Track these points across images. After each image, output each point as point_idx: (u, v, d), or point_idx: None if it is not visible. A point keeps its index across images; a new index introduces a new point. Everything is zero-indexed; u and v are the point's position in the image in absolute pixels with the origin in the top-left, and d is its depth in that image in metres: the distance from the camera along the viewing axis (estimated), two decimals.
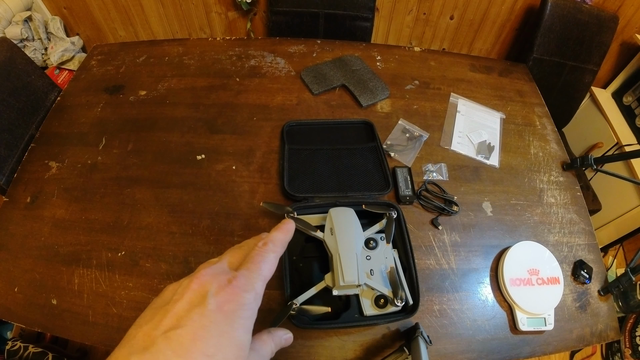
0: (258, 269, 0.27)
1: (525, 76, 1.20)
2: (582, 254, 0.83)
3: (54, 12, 1.70)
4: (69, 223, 0.79)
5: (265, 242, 0.30)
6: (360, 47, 1.19)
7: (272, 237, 0.31)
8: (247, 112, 0.99)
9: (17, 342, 1.13)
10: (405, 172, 0.88)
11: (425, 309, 0.72)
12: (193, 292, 0.24)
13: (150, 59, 1.12)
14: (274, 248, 0.30)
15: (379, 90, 1.04)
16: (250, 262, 0.28)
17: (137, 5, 1.64)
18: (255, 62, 1.11)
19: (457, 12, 1.57)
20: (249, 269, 0.27)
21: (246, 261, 0.28)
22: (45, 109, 1.03)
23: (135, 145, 0.92)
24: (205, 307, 0.23)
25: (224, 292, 0.24)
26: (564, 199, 0.91)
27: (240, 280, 0.25)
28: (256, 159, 0.90)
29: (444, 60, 1.19)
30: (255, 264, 0.27)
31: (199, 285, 0.25)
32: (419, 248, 0.79)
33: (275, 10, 1.39)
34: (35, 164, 0.89)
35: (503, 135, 1.02)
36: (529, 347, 0.71)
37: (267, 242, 0.30)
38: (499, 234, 0.83)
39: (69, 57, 1.68)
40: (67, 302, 0.70)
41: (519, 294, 0.72)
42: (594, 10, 1.35)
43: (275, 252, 0.30)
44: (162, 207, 0.82)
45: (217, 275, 0.26)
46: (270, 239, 0.30)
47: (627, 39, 1.54)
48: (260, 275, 0.27)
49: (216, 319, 0.23)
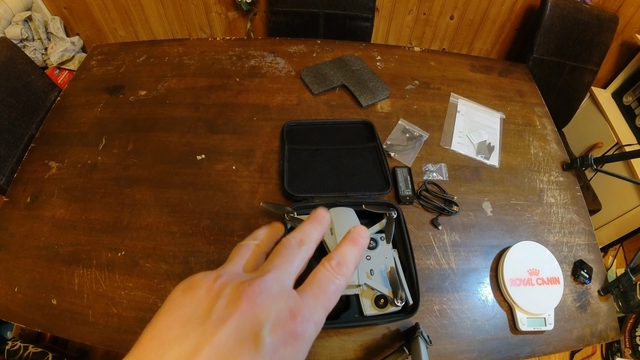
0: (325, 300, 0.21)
1: (525, 76, 1.20)
2: (582, 254, 0.83)
3: (54, 12, 1.70)
4: (69, 223, 0.79)
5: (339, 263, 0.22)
6: (360, 47, 1.19)
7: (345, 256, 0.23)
8: (247, 112, 0.99)
9: (17, 342, 1.13)
10: (405, 172, 0.88)
11: (425, 309, 0.72)
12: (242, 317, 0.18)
13: (150, 59, 1.12)
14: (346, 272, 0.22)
15: (379, 90, 1.04)
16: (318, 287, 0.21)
17: (137, 5, 1.64)
18: (255, 62, 1.11)
19: (457, 12, 1.57)
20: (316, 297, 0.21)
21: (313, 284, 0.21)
22: (45, 109, 1.03)
23: (135, 145, 0.92)
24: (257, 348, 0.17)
25: (285, 330, 0.18)
26: (564, 199, 0.91)
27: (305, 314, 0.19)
28: (256, 159, 0.90)
29: (444, 60, 1.19)
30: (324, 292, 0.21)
31: (251, 308, 0.18)
32: (419, 248, 0.79)
33: (275, 10, 1.39)
34: (35, 164, 0.89)
35: (503, 135, 1.02)
36: (529, 347, 0.71)
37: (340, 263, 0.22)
38: (499, 234, 0.83)
39: (69, 57, 1.68)
40: (67, 302, 0.70)
41: (519, 294, 0.72)
42: (594, 10, 1.35)
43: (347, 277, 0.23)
44: (162, 207, 0.82)
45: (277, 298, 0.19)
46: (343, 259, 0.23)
47: (627, 39, 1.54)
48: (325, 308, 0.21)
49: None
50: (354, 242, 0.24)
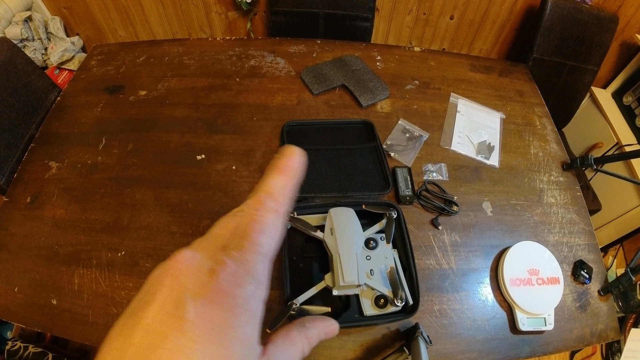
0: (254, 246, 0.19)
1: (525, 76, 1.20)
2: (582, 254, 0.83)
3: (54, 12, 1.70)
4: (69, 223, 0.79)
5: (260, 200, 0.21)
6: (360, 47, 1.19)
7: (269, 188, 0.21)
8: (247, 112, 0.99)
9: (17, 342, 1.13)
10: (405, 172, 0.88)
11: (425, 309, 0.72)
12: (165, 290, 0.17)
13: (150, 59, 1.12)
14: (274, 206, 0.21)
15: (379, 90, 1.04)
16: (242, 237, 0.19)
17: (137, 5, 1.64)
18: (255, 62, 1.11)
19: (457, 12, 1.57)
20: (242, 249, 0.19)
21: (236, 236, 0.19)
22: (45, 109, 1.03)
23: (135, 145, 0.92)
24: (183, 320, 0.16)
25: (208, 293, 0.17)
26: (564, 199, 0.91)
27: (228, 271, 0.18)
28: (256, 159, 0.90)
29: (444, 60, 1.19)
30: (250, 240, 0.19)
31: (172, 279, 0.17)
32: (419, 248, 0.79)
33: (275, 10, 1.39)
34: (35, 164, 0.89)
35: (503, 135, 1.02)
36: (529, 347, 0.71)
37: (263, 199, 0.21)
38: (499, 234, 0.83)
39: (69, 57, 1.68)
40: (67, 302, 0.70)
41: (519, 294, 0.72)
42: (594, 10, 1.35)
43: (278, 211, 0.21)
44: (162, 207, 0.82)
45: (197, 264, 0.18)
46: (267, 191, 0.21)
47: (627, 39, 1.54)
48: (258, 255, 0.19)
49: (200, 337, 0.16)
50: (280, 170, 0.22)
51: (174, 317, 0.16)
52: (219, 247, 0.19)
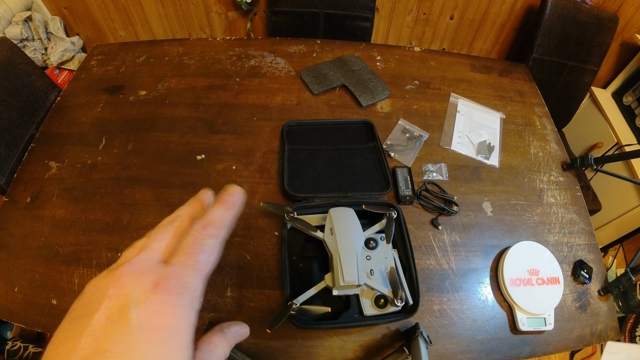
0: (194, 263, 0.22)
1: (525, 76, 1.20)
2: (582, 254, 0.83)
3: (54, 12, 1.70)
4: (69, 223, 0.79)
5: (204, 225, 0.24)
6: (360, 47, 1.19)
7: (212, 217, 0.24)
8: (247, 112, 0.99)
9: (17, 342, 1.13)
10: (405, 172, 0.88)
11: (425, 309, 0.72)
12: (111, 300, 0.19)
13: (150, 59, 1.12)
14: (215, 232, 0.24)
15: (379, 90, 1.04)
16: (184, 253, 0.22)
17: (137, 5, 1.64)
18: (255, 62, 1.11)
19: (457, 12, 1.57)
20: (182, 264, 0.21)
21: (179, 251, 0.22)
22: (45, 109, 1.03)
23: (135, 145, 0.92)
24: (127, 325, 0.18)
25: (150, 300, 0.19)
26: (564, 199, 0.91)
27: (170, 282, 0.20)
28: (256, 159, 0.90)
29: (444, 60, 1.19)
30: (191, 256, 0.22)
31: (117, 289, 0.19)
32: (419, 248, 0.79)
33: (275, 10, 1.39)
34: (35, 164, 0.89)
35: (503, 135, 1.02)
36: (529, 347, 0.71)
37: (206, 224, 0.24)
38: (499, 234, 0.83)
39: (69, 57, 1.68)
40: (67, 302, 0.70)
41: (519, 294, 0.72)
42: (593, 10, 1.35)
43: (217, 236, 0.24)
44: (162, 207, 0.82)
45: (141, 273, 0.20)
46: (209, 220, 0.24)
47: (627, 39, 1.54)
48: (196, 271, 0.22)
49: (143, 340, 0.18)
50: (222, 202, 0.26)
51: (118, 323, 0.18)
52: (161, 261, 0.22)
